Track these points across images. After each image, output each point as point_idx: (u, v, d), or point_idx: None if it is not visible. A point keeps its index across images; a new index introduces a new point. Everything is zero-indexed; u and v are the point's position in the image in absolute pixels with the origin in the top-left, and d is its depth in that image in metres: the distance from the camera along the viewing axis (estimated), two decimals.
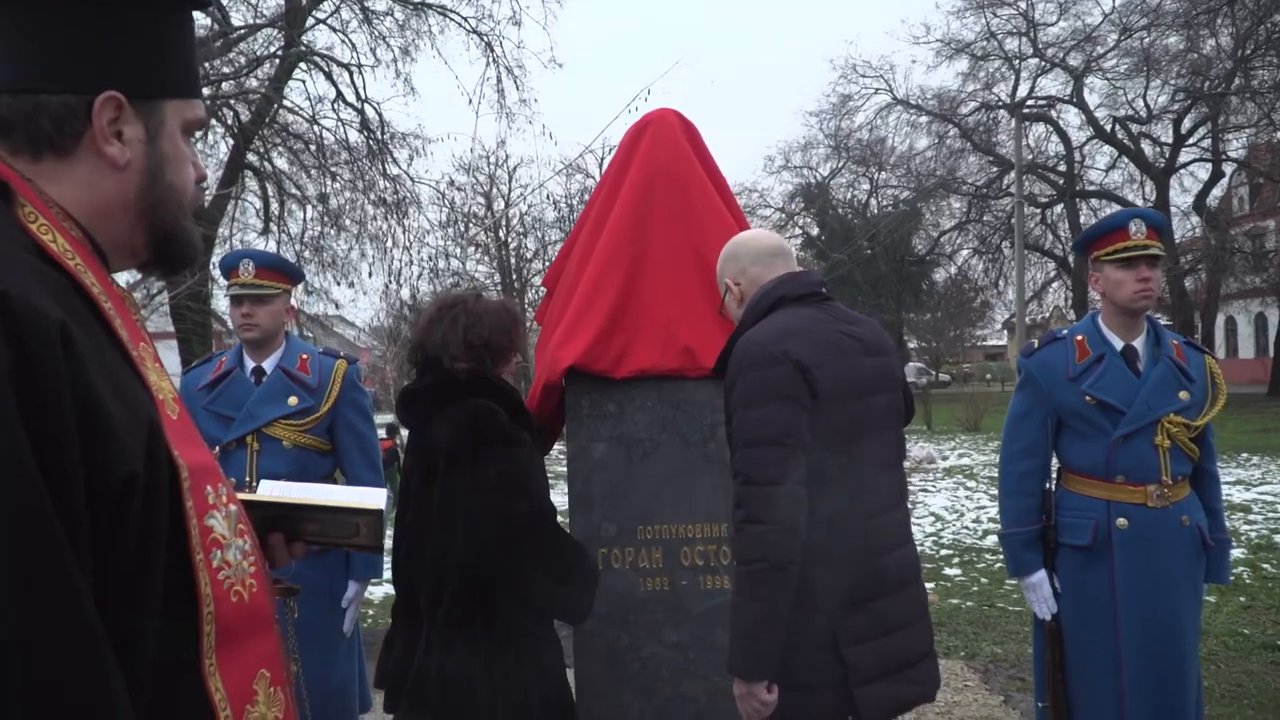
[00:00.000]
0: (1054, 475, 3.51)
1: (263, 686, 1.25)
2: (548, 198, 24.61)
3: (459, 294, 3.01)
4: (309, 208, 17.37)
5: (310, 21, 16.36)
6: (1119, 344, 3.38)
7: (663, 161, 3.57)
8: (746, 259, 2.71)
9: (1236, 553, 8.56)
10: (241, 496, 1.46)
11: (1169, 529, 3.28)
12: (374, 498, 1.60)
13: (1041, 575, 3.41)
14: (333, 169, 16.33)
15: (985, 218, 34.80)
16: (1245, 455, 15.74)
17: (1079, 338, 3.42)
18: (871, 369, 2.54)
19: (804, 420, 2.36)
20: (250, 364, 3.71)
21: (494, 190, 21.13)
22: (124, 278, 1.51)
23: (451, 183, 19.82)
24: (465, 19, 17.07)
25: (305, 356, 3.73)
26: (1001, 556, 8.32)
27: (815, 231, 41.13)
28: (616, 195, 3.63)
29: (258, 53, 15.65)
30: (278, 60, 15.84)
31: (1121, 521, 3.27)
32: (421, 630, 2.78)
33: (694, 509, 3.44)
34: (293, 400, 3.60)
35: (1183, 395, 3.31)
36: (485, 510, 2.67)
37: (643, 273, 3.49)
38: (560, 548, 2.78)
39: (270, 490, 1.64)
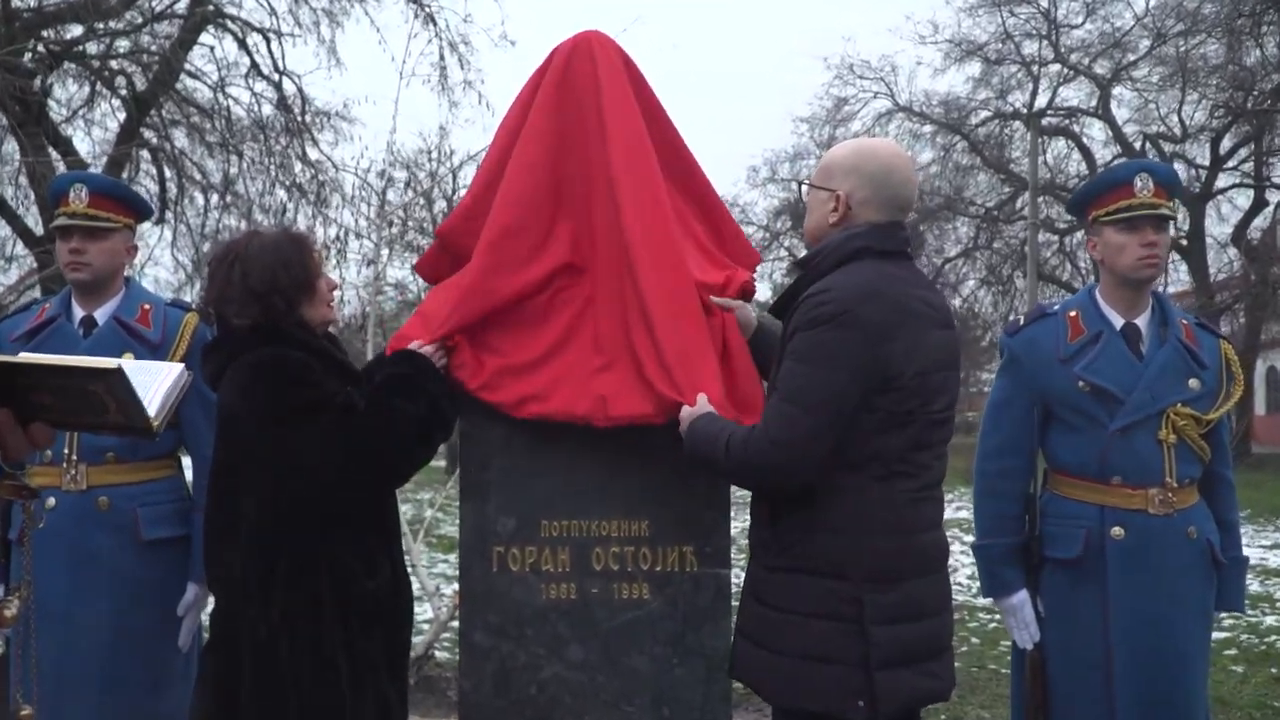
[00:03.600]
0: (1040, 479, 3.41)
1: None
2: None
3: (231, 241, 3.03)
4: (213, 194, 17.13)
5: None
6: (1119, 321, 3.30)
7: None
8: (881, 195, 2.70)
9: (1270, 620, 8.52)
10: None
11: (1173, 541, 3.19)
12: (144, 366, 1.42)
13: (1022, 596, 3.31)
14: (240, 148, 16.08)
15: (995, 244, 34.93)
16: None
17: (1072, 313, 3.33)
18: (938, 343, 2.65)
19: (855, 395, 2.51)
20: (79, 312, 3.53)
21: (435, 190, 20.93)
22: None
23: (382, 174, 19.58)
24: None
25: (148, 307, 3.55)
26: (999, 617, 8.34)
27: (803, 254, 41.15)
28: (528, 123, 3.44)
29: (155, 9, 15.38)
30: (180, 20, 15.63)
31: (1117, 531, 3.17)
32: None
33: (610, 503, 3.29)
34: (128, 357, 3.40)
35: (1192, 383, 3.22)
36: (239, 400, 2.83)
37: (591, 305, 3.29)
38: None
39: None
